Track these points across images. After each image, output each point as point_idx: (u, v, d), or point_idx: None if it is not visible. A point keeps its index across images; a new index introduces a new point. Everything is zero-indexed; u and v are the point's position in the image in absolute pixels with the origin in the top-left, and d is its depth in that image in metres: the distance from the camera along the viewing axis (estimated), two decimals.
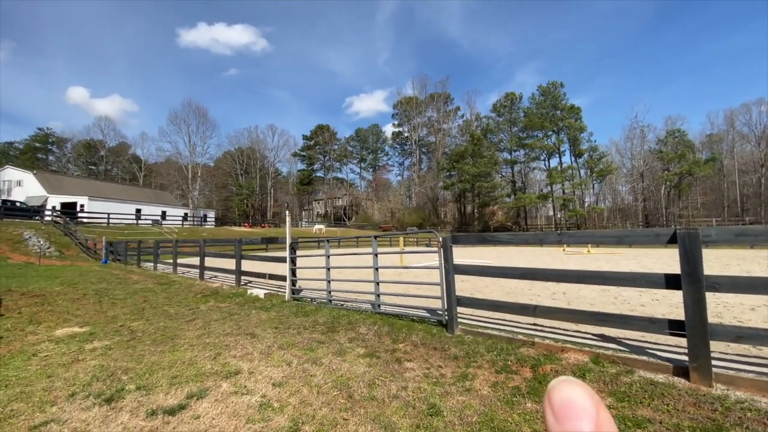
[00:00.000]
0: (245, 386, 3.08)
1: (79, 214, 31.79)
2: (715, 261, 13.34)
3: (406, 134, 78.32)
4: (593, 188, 56.84)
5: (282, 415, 2.59)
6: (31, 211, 28.18)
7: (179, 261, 12.48)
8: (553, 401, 0.20)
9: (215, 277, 10.61)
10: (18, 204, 30.06)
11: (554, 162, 56.59)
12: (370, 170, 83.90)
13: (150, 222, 36.45)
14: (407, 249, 27.78)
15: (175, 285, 9.17)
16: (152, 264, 13.92)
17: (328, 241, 6.65)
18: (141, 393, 2.97)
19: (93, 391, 3.00)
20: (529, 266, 4.47)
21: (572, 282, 4.01)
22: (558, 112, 53.76)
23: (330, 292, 6.51)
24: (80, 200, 36.28)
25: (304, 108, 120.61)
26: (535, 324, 4.79)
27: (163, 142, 64.76)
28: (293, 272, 7.15)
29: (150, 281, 9.96)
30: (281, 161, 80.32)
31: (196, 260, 11.51)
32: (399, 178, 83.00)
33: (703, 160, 49.39)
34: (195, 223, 46.00)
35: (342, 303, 6.37)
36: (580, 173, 54.88)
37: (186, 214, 47.36)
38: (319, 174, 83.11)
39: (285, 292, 7.15)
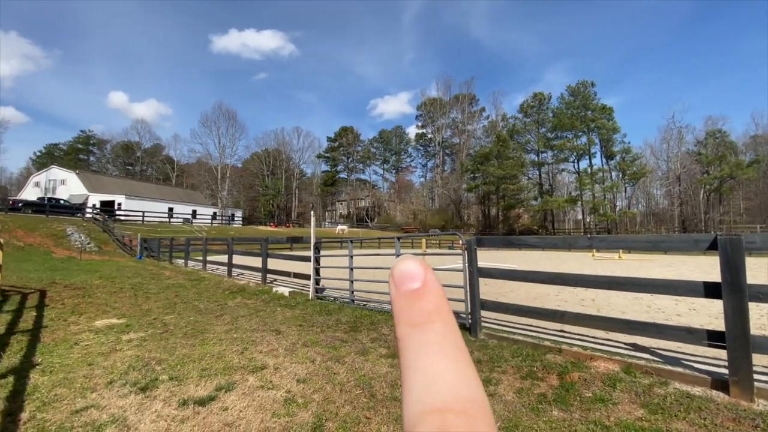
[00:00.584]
0: (271, 381, 3.16)
1: (117, 212, 33.51)
2: (759, 270, 12.51)
3: (429, 136, 77.99)
4: (625, 191, 54.56)
5: (306, 411, 2.64)
6: (73, 209, 30.01)
7: (208, 258, 12.93)
8: (394, 275, 0.24)
9: (242, 274, 10.93)
10: (62, 202, 32.12)
11: (584, 164, 54.64)
12: (393, 172, 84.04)
13: (181, 220, 37.99)
14: (429, 251, 27.61)
15: (205, 281, 9.51)
16: (183, 261, 14.49)
17: (351, 241, 6.72)
18: (173, 383, 3.11)
19: (129, 380, 3.16)
20: (557, 271, 4.35)
21: (602, 288, 3.88)
22: (589, 112, 51.89)
23: (353, 292, 6.58)
24: (118, 199, 38.28)
25: (329, 110, 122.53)
26: (562, 330, 4.66)
27: (194, 144, 67.85)
28: (317, 271, 7.27)
29: (181, 277, 10.37)
30: (306, 162, 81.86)
31: (224, 258, 11.90)
32: (422, 179, 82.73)
33: (746, 163, 46.35)
34: (223, 222, 47.52)
35: (364, 303, 6.41)
36: (611, 176, 52.78)
37: (215, 213, 49.01)
38: (342, 175, 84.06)
39: (309, 291, 7.28)
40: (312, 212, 7.72)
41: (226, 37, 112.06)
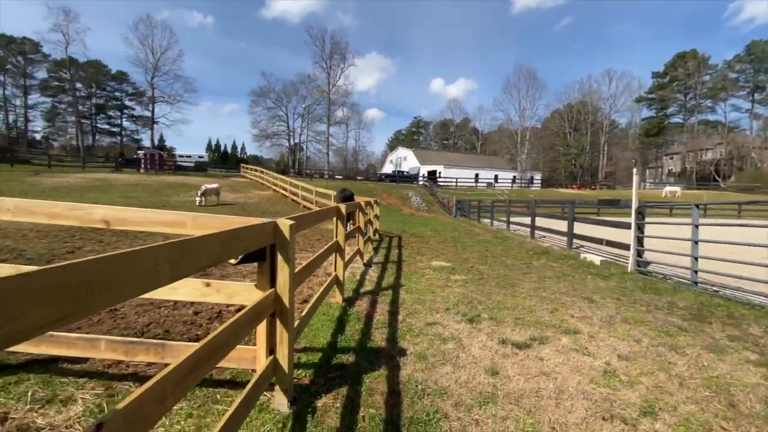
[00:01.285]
0: (586, 348, 3.04)
1: (438, 179, 41.53)
2: None
3: None
4: None
5: (632, 391, 2.37)
6: (411, 178, 39.85)
7: (511, 219, 13.72)
8: None
9: (545, 237, 10.88)
10: (405, 173, 43.37)
11: None
12: None
13: (485, 184, 42.12)
14: None
15: (509, 240, 10.22)
16: (489, 220, 16.13)
17: (696, 206, 5.12)
18: (492, 322, 3.61)
19: (459, 311, 3.95)
20: None
21: None
22: None
23: (696, 271, 5.07)
24: (438, 168, 47.21)
25: (656, 36, 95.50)
26: None
27: (496, 112, 71.53)
28: (639, 241, 6.10)
29: (488, 234, 11.63)
30: (619, 111, 67.94)
31: (524, 219, 12.24)
32: None
33: None
34: (522, 185, 48.53)
35: (715, 288, 4.82)
36: None
37: (514, 177, 50.77)
38: (675, 120, 64.12)
39: (626, 262, 6.27)
40: (634, 170, 6.40)
41: None
